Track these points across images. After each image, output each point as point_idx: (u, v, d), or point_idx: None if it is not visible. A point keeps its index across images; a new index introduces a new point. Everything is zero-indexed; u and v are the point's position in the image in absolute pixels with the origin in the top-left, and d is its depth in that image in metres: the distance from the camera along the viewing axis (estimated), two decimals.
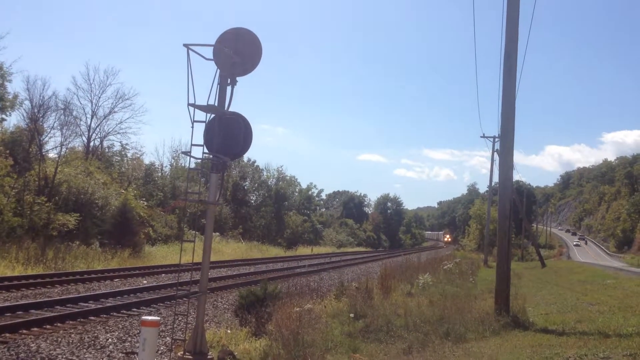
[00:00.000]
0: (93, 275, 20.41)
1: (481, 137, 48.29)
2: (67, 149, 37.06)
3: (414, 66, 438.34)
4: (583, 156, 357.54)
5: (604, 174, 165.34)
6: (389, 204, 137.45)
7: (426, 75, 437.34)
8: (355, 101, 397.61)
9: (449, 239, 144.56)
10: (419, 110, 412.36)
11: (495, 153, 46.55)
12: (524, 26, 20.58)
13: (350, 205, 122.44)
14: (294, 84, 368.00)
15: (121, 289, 17.23)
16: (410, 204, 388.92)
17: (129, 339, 10.86)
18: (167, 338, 10.82)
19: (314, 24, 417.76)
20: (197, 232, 18.59)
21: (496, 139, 45.15)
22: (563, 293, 19.97)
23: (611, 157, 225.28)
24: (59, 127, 34.86)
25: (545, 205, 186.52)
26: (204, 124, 9.48)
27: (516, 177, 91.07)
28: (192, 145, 9.07)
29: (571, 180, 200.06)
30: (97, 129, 43.66)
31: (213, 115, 9.47)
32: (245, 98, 53.79)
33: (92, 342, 10.37)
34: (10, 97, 27.63)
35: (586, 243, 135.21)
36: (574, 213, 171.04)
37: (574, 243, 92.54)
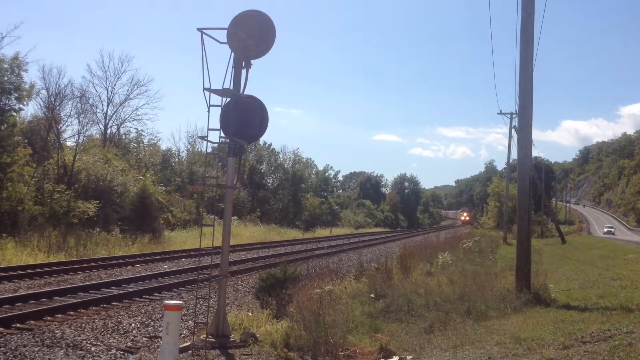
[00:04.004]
0: (114, 261, 20.59)
1: (498, 113, 48.00)
2: (84, 136, 37.42)
3: (426, 44, 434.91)
4: (601, 130, 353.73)
5: (623, 147, 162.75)
6: (406, 183, 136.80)
7: (438, 52, 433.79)
8: (369, 81, 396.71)
9: (467, 218, 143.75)
10: (432, 88, 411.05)
11: (512, 129, 46.07)
12: None
13: (367, 186, 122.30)
14: (308, 65, 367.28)
15: (142, 274, 17.40)
16: (427, 183, 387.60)
17: (152, 323, 10.97)
18: (190, 322, 10.91)
19: (327, 4, 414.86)
20: (215, 217, 18.65)
21: (513, 115, 44.70)
22: (584, 269, 19.83)
23: (630, 131, 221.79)
24: (75, 116, 35.21)
25: (564, 181, 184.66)
26: (219, 108, 9.48)
27: (534, 153, 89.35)
28: (208, 129, 9.08)
29: (590, 155, 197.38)
30: (114, 116, 44.06)
31: (229, 99, 9.46)
32: (259, 80, 53.73)
33: (116, 327, 10.49)
34: (26, 86, 27.73)
35: (583, 207, 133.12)
36: (594, 188, 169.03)
37: (605, 230, 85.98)
